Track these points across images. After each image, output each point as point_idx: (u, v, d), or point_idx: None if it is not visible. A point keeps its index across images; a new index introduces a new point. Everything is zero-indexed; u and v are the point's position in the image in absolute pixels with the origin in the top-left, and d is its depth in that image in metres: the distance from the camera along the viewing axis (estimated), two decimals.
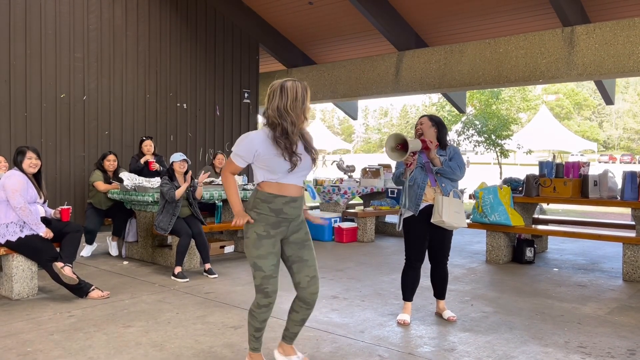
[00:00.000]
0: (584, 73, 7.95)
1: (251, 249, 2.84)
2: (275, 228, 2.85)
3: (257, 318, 2.92)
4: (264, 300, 2.87)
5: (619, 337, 3.72)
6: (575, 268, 6.19)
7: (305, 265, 2.98)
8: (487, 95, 16.63)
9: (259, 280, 2.86)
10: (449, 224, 3.82)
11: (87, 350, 3.33)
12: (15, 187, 4.39)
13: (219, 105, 10.00)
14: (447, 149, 3.99)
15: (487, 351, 3.41)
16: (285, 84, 2.79)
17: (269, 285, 2.86)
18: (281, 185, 2.82)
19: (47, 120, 7.77)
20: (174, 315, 4.09)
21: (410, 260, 4.02)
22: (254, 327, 2.95)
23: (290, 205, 2.85)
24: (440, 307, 4.18)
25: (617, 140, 62.68)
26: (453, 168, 3.89)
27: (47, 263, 4.45)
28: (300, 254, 2.96)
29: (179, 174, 5.56)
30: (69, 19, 7.97)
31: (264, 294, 2.87)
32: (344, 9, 9.78)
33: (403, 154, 3.65)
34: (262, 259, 2.83)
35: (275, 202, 2.82)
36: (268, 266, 2.84)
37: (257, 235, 2.83)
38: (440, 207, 3.80)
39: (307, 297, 2.99)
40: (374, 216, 8.09)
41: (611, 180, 6.10)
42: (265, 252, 2.83)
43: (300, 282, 2.99)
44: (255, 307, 2.91)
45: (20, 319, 3.95)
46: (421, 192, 3.91)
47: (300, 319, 3.03)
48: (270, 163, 2.78)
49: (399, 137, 3.67)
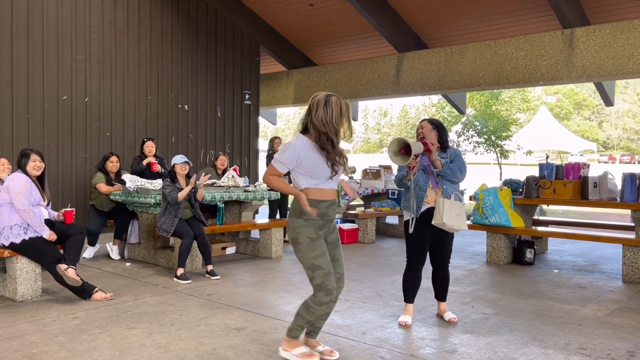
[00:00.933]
0: (584, 75, 7.98)
1: (306, 252, 3.07)
2: (321, 229, 3.12)
3: (314, 314, 3.10)
4: (325, 297, 3.06)
5: (619, 338, 3.76)
6: (575, 269, 6.22)
7: (338, 264, 3.23)
8: (487, 97, 16.65)
9: (320, 279, 3.05)
10: (450, 227, 3.84)
11: (92, 352, 3.36)
12: (19, 190, 4.42)
13: (219, 107, 10.03)
14: (447, 151, 4.03)
15: (488, 353, 3.44)
16: (330, 99, 3.02)
17: (330, 282, 3.06)
18: (322, 190, 3.10)
19: (49, 122, 7.80)
20: (177, 316, 4.12)
21: (412, 262, 4.05)
22: (306, 320, 3.14)
23: (331, 207, 3.15)
24: (442, 308, 4.21)
25: (617, 141, 62.71)
26: (454, 170, 3.92)
27: (50, 265, 4.48)
28: (334, 253, 3.22)
29: (180, 176, 5.59)
30: (71, 21, 8.00)
31: (326, 291, 3.05)
32: (345, 11, 9.81)
33: (406, 157, 3.69)
34: (320, 257, 3.06)
35: (320, 207, 3.08)
36: (325, 263, 3.07)
37: (309, 239, 3.07)
38: (442, 209, 3.83)
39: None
40: (374, 217, 8.12)
41: (611, 181, 6.13)
42: (321, 251, 3.08)
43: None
44: (316, 304, 3.07)
45: (24, 321, 3.98)
46: (423, 194, 3.95)
47: (325, 312, 3.19)
48: (313, 169, 3.04)
49: (401, 141, 3.71)
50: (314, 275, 3.06)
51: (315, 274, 3.06)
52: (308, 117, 3.06)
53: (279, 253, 6.71)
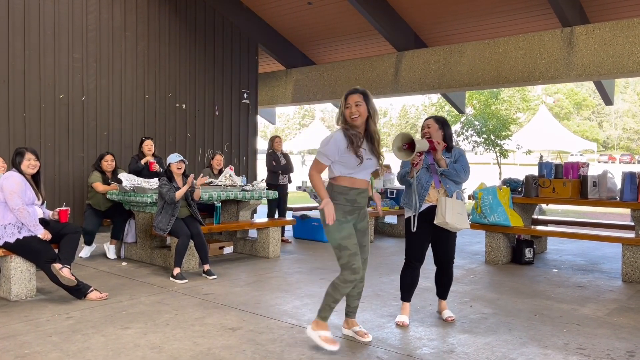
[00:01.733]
0: (583, 73, 7.95)
1: (334, 233, 3.28)
2: (350, 214, 3.34)
3: (340, 291, 3.30)
4: (351, 276, 3.27)
5: (618, 338, 3.72)
6: (575, 269, 6.19)
7: (363, 250, 3.47)
8: (487, 96, 16.63)
9: (346, 259, 3.27)
10: (452, 226, 3.80)
11: (85, 352, 3.32)
12: (13, 189, 4.38)
13: (218, 106, 9.99)
14: (452, 151, 4.00)
15: (486, 353, 3.40)
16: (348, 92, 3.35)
17: (356, 262, 3.28)
18: (353, 179, 3.32)
19: (45, 121, 7.76)
20: (172, 316, 4.08)
21: (410, 260, 4.00)
22: (334, 299, 3.31)
23: (362, 195, 3.37)
24: (442, 306, 4.20)
25: (617, 140, 62.70)
26: (458, 170, 3.89)
27: (45, 264, 4.44)
28: (362, 240, 3.46)
29: (177, 175, 5.55)
30: (68, 20, 7.96)
31: (351, 270, 3.27)
32: (343, 9, 9.77)
33: (410, 153, 3.64)
34: (346, 239, 3.28)
35: (350, 193, 3.32)
36: (352, 244, 3.28)
37: (338, 221, 3.28)
38: (444, 208, 3.79)
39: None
40: (373, 217, 8.08)
41: (610, 180, 6.09)
42: (347, 233, 3.29)
43: None
44: (342, 281, 3.29)
45: (18, 321, 3.94)
46: (425, 192, 3.91)
47: (357, 292, 3.51)
48: (348, 158, 3.26)
49: (406, 136, 3.67)
50: (340, 255, 3.29)
51: (342, 254, 3.28)
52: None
53: (276, 253, 6.67)
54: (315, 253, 6.97)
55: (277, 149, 7.93)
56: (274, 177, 7.78)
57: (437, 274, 4.15)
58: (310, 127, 40.79)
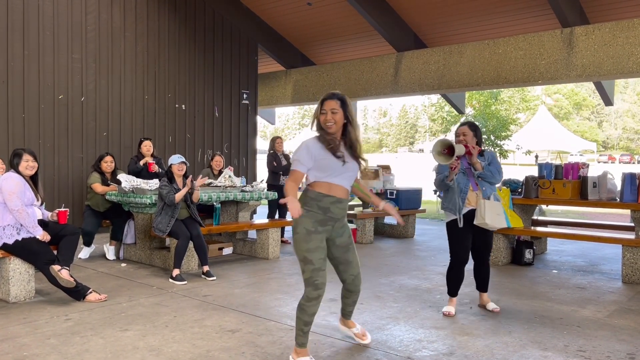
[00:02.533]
0: (583, 74, 7.94)
1: (301, 243, 3.06)
2: (323, 225, 3.10)
3: (306, 311, 3.08)
4: (313, 292, 3.05)
5: (619, 340, 3.71)
6: (575, 270, 6.18)
7: (351, 267, 3.30)
8: (486, 96, 16.63)
9: (309, 273, 3.04)
10: (491, 226, 4.08)
11: (83, 354, 3.31)
12: (12, 190, 4.37)
13: (217, 106, 9.98)
14: (484, 154, 4.26)
15: (486, 355, 3.39)
16: (325, 97, 3.22)
17: (319, 278, 3.05)
18: (331, 185, 3.10)
19: (45, 122, 7.75)
20: (171, 318, 4.06)
21: (456, 260, 4.26)
22: (303, 321, 3.10)
23: (337, 205, 3.12)
24: (484, 299, 4.46)
25: (617, 140, 62.71)
26: (493, 172, 4.16)
27: (44, 266, 4.43)
28: (346, 257, 3.27)
29: (177, 176, 5.54)
30: (67, 20, 7.95)
31: (313, 286, 3.04)
32: (343, 10, 9.76)
33: (449, 158, 3.93)
34: (312, 252, 3.04)
35: (324, 201, 3.08)
36: (317, 259, 3.04)
37: (306, 231, 3.05)
38: (483, 210, 4.07)
39: (353, 288, 3.36)
40: (372, 217, 8.07)
41: (610, 181, 6.08)
42: (314, 246, 3.05)
43: (346, 279, 3.34)
44: (305, 300, 3.07)
45: (17, 323, 3.92)
46: (464, 196, 4.17)
47: (352, 301, 3.44)
48: (322, 163, 3.07)
49: (446, 142, 3.97)
50: (304, 269, 3.07)
51: (305, 268, 3.06)
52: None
53: (276, 254, 6.66)
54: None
55: (279, 149, 7.93)
56: (274, 177, 7.77)
57: (475, 269, 4.44)
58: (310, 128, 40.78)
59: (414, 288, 5.17)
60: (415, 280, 5.52)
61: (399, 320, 4.10)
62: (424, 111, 68.84)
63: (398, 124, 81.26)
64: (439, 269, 6.12)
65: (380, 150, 77.02)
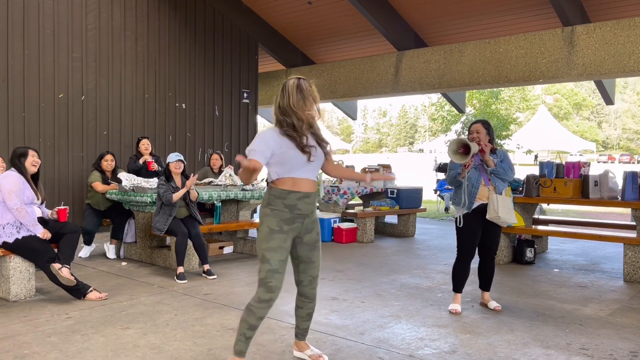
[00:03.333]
0: (584, 73, 7.92)
1: (262, 241, 2.89)
2: (289, 224, 2.89)
3: (254, 313, 2.85)
4: (265, 294, 2.84)
5: (621, 338, 3.70)
6: (576, 269, 6.17)
7: (312, 267, 3.07)
8: (487, 95, 16.63)
9: (264, 274, 2.85)
10: (503, 220, 4.15)
11: (84, 352, 3.30)
12: (11, 188, 4.36)
13: (218, 105, 9.97)
14: (496, 152, 4.33)
15: (488, 353, 3.38)
16: (286, 83, 2.89)
17: (273, 280, 2.85)
18: (295, 180, 2.87)
19: (45, 121, 7.73)
20: (172, 317, 4.05)
21: (463, 255, 4.31)
22: (248, 324, 2.86)
23: (304, 200, 2.90)
24: (486, 298, 4.48)
25: (616, 140, 62.73)
26: (506, 169, 4.24)
27: (44, 264, 4.42)
28: (310, 255, 3.04)
29: (175, 174, 5.52)
30: (67, 19, 7.94)
31: (266, 287, 2.84)
32: (344, 9, 9.75)
33: (464, 156, 4.05)
34: (271, 251, 2.85)
35: (289, 197, 2.86)
36: (275, 260, 2.85)
37: (269, 230, 2.87)
38: (496, 204, 4.14)
39: (308, 292, 3.11)
40: (373, 216, 8.06)
41: (612, 180, 6.07)
42: (276, 246, 2.85)
43: (303, 280, 3.09)
44: (256, 301, 2.86)
45: (17, 321, 3.91)
46: (475, 191, 4.23)
47: (306, 313, 3.15)
48: (284, 157, 2.83)
49: (461, 141, 4.08)
50: (260, 268, 2.88)
51: (262, 267, 2.87)
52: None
53: None
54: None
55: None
56: None
57: (480, 267, 4.46)
58: None
59: (415, 287, 5.16)
60: (417, 278, 5.51)
61: (400, 319, 4.09)
62: (424, 111, 68.85)
63: (398, 124, 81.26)
64: (440, 267, 6.11)
65: (380, 150, 77.02)
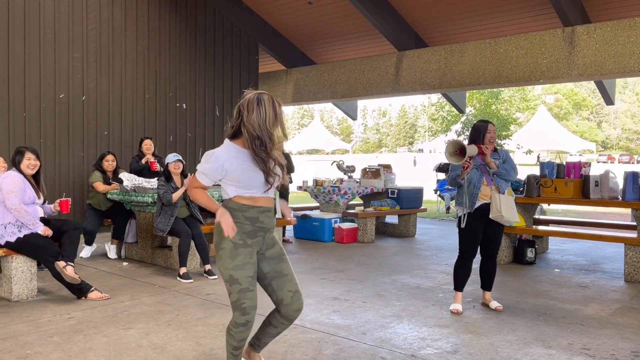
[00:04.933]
0: (585, 73, 7.93)
1: (226, 260, 2.64)
2: (252, 237, 2.68)
3: (234, 337, 2.70)
4: (241, 318, 2.65)
5: (623, 338, 3.70)
6: (577, 269, 6.17)
7: (287, 280, 2.78)
8: (487, 96, 16.64)
9: (236, 295, 2.63)
10: (506, 219, 4.18)
11: (87, 352, 3.30)
12: (10, 188, 4.36)
13: (218, 106, 9.97)
14: (498, 152, 4.37)
15: (490, 353, 3.39)
16: (262, 97, 2.62)
17: (246, 300, 2.63)
18: (254, 198, 2.68)
19: (46, 121, 7.73)
20: (174, 317, 4.06)
21: (465, 253, 4.34)
22: (232, 346, 2.74)
23: (266, 214, 2.72)
24: (487, 298, 4.49)
25: (616, 140, 62.75)
26: (508, 170, 4.27)
27: (49, 261, 4.41)
28: (279, 268, 2.78)
29: (175, 174, 5.54)
30: (68, 19, 7.94)
31: (241, 310, 2.64)
32: (344, 9, 9.76)
33: (460, 158, 4.07)
34: (239, 269, 2.62)
35: (250, 211, 2.67)
36: (245, 278, 2.63)
37: (233, 245, 2.64)
38: (499, 203, 4.17)
39: (291, 314, 2.79)
40: (374, 217, 8.06)
41: (612, 180, 6.08)
42: (242, 262, 2.63)
43: (284, 298, 2.77)
44: (233, 325, 2.68)
45: (19, 321, 3.92)
46: (477, 191, 4.27)
47: (276, 332, 2.87)
48: (243, 178, 2.63)
49: (457, 143, 4.12)
50: (230, 290, 2.64)
51: (231, 289, 2.63)
52: (238, 120, 2.64)
53: None
54: (317, 253, 6.95)
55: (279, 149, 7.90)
56: None
57: (481, 267, 4.48)
58: (309, 127, 40.80)
59: (416, 287, 5.16)
60: (418, 279, 5.51)
61: (402, 319, 4.10)
62: (424, 111, 68.87)
63: (397, 124, 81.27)
64: (441, 267, 6.11)
65: (380, 150, 77.02)
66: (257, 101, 2.61)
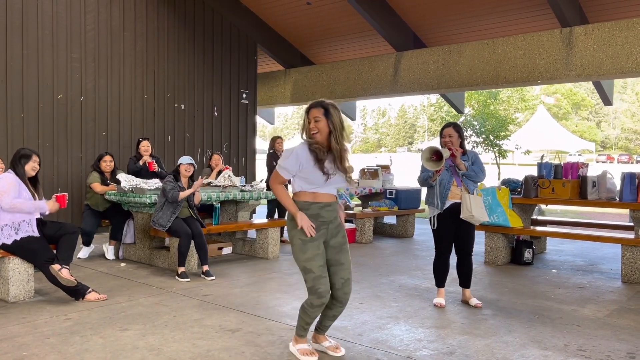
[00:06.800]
0: (583, 74, 7.94)
1: (298, 254, 3.12)
2: (317, 231, 3.12)
3: (310, 315, 3.16)
4: (317, 300, 3.09)
5: (619, 340, 3.71)
6: (574, 269, 6.18)
7: (342, 269, 3.20)
8: (485, 96, 16.65)
9: (311, 282, 3.09)
10: (477, 218, 4.31)
11: (83, 354, 3.30)
12: (4, 189, 4.35)
13: (216, 106, 9.97)
14: (468, 153, 4.48)
15: (486, 354, 3.39)
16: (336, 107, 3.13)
17: (321, 286, 3.07)
18: (315, 194, 3.14)
19: (44, 121, 7.74)
20: (171, 318, 4.06)
21: (440, 251, 4.51)
22: (305, 322, 3.21)
23: (326, 209, 3.15)
24: (467, 295, 4.58)
25: (615, 140, 62.77)
26: (477, 172, 4.40)
27: (44, 265, 4.42)
28: (338, 257, 3.20)
29: (184, 176, 5.57)
30: (66, 19, 7.94)
31: (317, 294, 3.08)
32: (343, 10, 9.76)
33: (437, 163, 4.21)
34: (310, 261, 3.08)
35: (312, 208, 3.13)
36: (316, 267, 3.08)
37: (301, 241, 3.11)
38: (469, 204, 4.30)
39: (341, 297, 3.21)
40: (372, 217, 8.07)
41: (610, 181, 6.08)
42: (312, 255, 3.09)
43: (336, 283, 3.20)
44: (309, 306, 3.13)
45: (16, 322, 3.92)
46: (447, 191, 4.40)
47: (332, 314, 3.29)
48: (310, 174, 3.08)
49: (433, 149, 4.23)
50: (306, 278, 3.13)
51: (307, 277, 3.11)
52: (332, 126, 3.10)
53: (275, 253, 6.66)
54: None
55: (279, 149, 7.93)
56: None
57: (458, 265, 4.58)
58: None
59: (413, 287, 5.17)
60: (415, 279, 5.52)
61: (399, 320, 4.10)
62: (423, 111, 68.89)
63: (397, 124, 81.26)
64: None
65: (379, 150, 77.03)
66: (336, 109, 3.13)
